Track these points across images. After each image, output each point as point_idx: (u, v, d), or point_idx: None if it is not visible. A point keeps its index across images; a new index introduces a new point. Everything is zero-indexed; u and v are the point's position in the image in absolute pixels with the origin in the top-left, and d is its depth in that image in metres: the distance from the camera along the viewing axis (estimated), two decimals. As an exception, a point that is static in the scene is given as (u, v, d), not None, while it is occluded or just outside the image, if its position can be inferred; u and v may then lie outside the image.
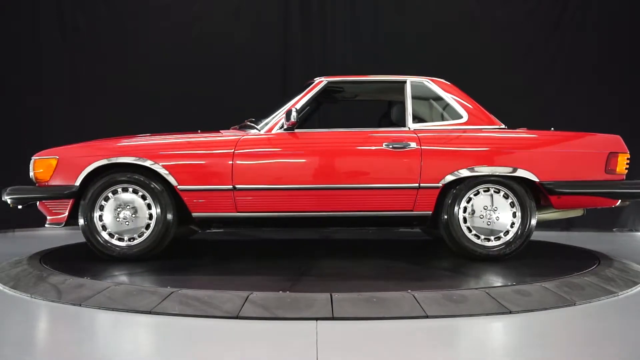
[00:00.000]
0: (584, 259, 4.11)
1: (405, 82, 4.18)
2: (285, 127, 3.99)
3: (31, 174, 4.09)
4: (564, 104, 6.46)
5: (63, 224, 4.05)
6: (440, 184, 3.90)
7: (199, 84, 6.78)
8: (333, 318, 2.83)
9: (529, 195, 3.94)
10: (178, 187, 3.93)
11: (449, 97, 4.17)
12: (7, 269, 3.92)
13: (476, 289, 3.10)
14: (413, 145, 3.93)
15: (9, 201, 4.06)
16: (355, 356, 2.42)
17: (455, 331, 2.69)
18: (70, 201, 3.99)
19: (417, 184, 3.91)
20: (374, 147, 3.96)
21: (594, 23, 6.58)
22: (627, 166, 4.03)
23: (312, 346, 2.45)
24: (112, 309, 3.01)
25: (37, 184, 4.08)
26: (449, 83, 4.26)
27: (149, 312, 2.93)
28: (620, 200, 4.04)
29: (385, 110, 4.88)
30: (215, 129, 4.47)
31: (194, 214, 3.98)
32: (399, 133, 4.00)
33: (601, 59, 6.55)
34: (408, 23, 6.79)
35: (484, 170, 3.90)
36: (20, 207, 4.07)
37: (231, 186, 3.90)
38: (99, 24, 6.83)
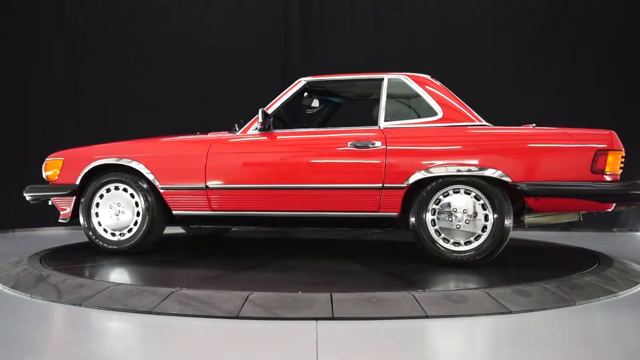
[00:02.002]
0: (584, 259, 4.10)
1: (382, 79, 4.06)
2: (258, 128, 4.06)
3: (44, 174, 4.48)
4: (564, 103, 6.46)
5: (68, 220, 4.39)
6: (404, 185, 3.74)
7: (199, 84, 6.79)
8: (333, 318, 2.82)
9: (503, 196, 3.64)
10: (159, 186, 4.15)
11: (425, 93, 3.95)
12: (7, 269, 3.92)
13: (476, 289, 3.10)
14: (378, 144, 3.81)
15: (27, 198, 4.51)
16: (355, 356, 2.42)
17: (455, 331, 2.69)
18: (73, 198, 4.32)
19: (381, 184, 3.77)
20: (338, 147, 3.90)
21: (594, 23, 6.59)
22: (622, 165, 3.66)
23: (312, 346, 2.45)
24: (112, 309, 3.01)
25: (49, 183, 4.47)
26: (428, 78, 4.06)
27: (149, 312, 2.93)
28: (615, 204, 3.67)
29: None
30: (214, 129, 4.50)
31: (174, 212, 4.19)
32: (366, 132, 3.89)
33: (601, 58, 6.56)
34: (408, 23, 6.80)
35: (450, 170, 3.67)
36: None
37: (204, 185, 4.06)
38: (99, 25, 6.84)
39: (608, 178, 3.60)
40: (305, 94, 4.56)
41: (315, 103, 4.70)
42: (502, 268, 3.94)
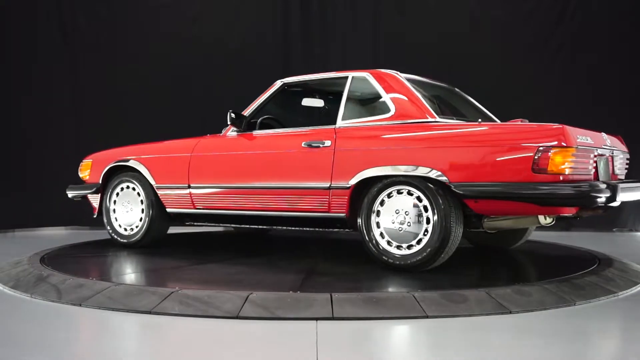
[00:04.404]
0: (584, 259, 4.10)
1: (347, 77, 3.96)
2: (235, 129, 4.21)
3: (79, 174, 4.95)
4: (564, 103, 6.46)
5: (95, 215, 4.83)
6: (349, 185, 3.63)
7: (198, 84, 6.79)
8: (333, 318, 2.82)
9: (444, 197, 3.39)
10: (155, 185, 4.46)
11: (382, 90, 3.78)
12: (7, 269, 3.92)
13: (476, 289, 3.10)
14: (328, 143, 3.75)
15: (69, 195, 5.00)
16: (355, 356, 2.42)
17: (455, 331, 2.69)
18: (98, 196, 4.75)
19: (329, 185, 3.71)
20: (294, 146, 3.89)
21: (594, 22, 6.59)
22: (573, 165, 3.19)
23: (312, 346, 2.45)
24: (112, 309, 3.00)
25: (84, 182, 4.93)
26: (393, 74, 3.85)
27: (149, 312, 2.93)
28: (580, 209, 3.27)
29: None
30: (213, 129, 4.54)
31: (167, 210, 4.47)
32: (321, 132, 3.84)
33: (601, 58, 6.56)
34: (408, 23, 6.80)
35: (387, 170, 3.51)
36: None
37: (187, 185, 4.30)
38: (99, 25, 6.83)
39: (553, 178, 3.17)
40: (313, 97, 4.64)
41: (320, 103, 4.71)
42: (501, 268, 3.95)
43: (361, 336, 2.66)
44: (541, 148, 3.16)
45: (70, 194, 5.00)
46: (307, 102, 4.61)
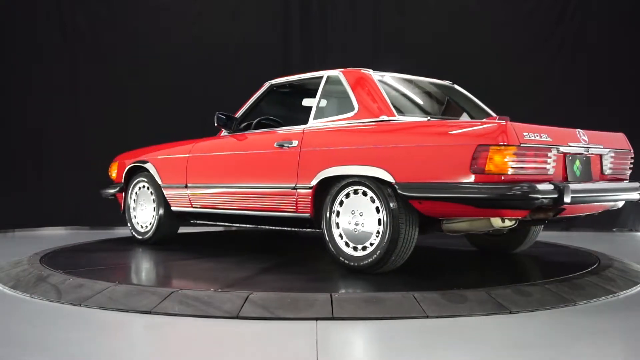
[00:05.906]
0: (584, 259, 4.10)
1: (322, 76, 3.93)
2: (227, 131, 4.32)
3: (109, 174, 5.24)
4: (564, 103, 6.46)
5: (121, 212, 5.09)
6: (311, 185, 3.62)
7: (198, 84, 6.79)
8: (333, 318, 2.82)
9: (395, 199, 3.29)
10: (161, 185, 4.66)
11: (349, 89, 3.71)
12: (7, 269, 3.93)
13: (476, 289, 3.10)
14: (295, 143, 3.75)
15: (102, 195, 5.27)
16: (355, 356, 2.41)
17: (455, 331, 2.69)
18: (122, 194, 5.05)
19: (294, 185, 3.72)
20: (268, 147, 3.93)
21: (594, 22, 6.59)
22: (514, 165, 2.97)
23: (312, 346, 2.45)
24: (112, 309, 3.01)
25: (114, 182, 5.20)
26: (362, 73, 3.77)
27: (149, 312, 2.93)
28: (530, 211, 3.09)
29: None
30: (213, 129, 4.56)
31: (172, 208, 4.66)
32: (293, 132, 3.85)
33: (601, 58, 6.56)
34: (408, 23, 6.80)
35: (343, 170, 3.47)
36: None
37: (184, 184, 4.46)
38: (99, 24, 6.84)
39: (495, 179, 2.97)
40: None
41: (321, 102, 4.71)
42: (502, 268, 3.95)
43: (361, 336, 2.66)
44: (479, 147, 2.98)
45: (102, 193, 5.28)
46: (307, 102, 4.61)
